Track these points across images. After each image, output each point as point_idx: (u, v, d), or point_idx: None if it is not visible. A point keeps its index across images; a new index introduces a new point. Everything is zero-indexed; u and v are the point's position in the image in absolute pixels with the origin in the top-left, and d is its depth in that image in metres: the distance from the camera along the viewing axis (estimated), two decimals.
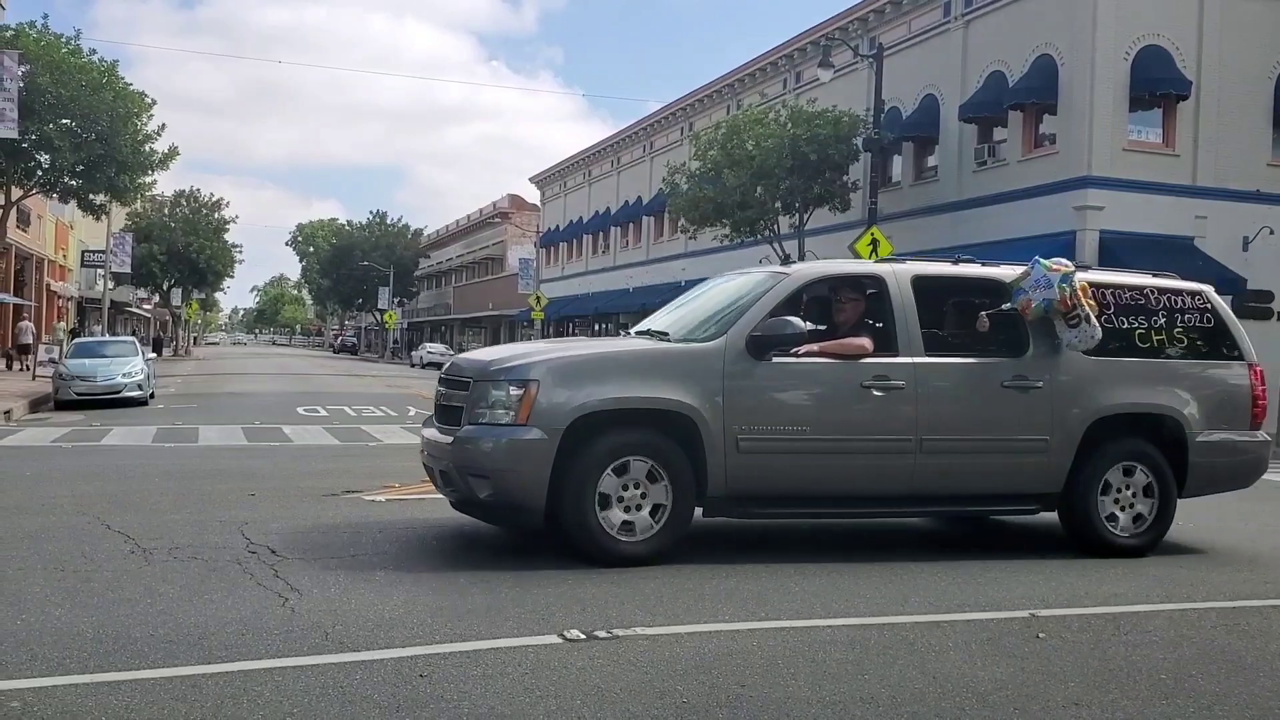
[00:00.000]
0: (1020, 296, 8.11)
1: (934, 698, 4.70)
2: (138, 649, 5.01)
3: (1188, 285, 8.94)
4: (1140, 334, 8.48)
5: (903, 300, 7.93)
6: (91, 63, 27.85)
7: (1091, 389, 8.19)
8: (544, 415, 6.99)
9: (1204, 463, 8.46)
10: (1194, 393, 8.51)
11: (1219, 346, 8.78)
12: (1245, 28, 25.32)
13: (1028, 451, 8.02)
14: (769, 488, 7.59)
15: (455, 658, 5.01)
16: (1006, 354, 8.17)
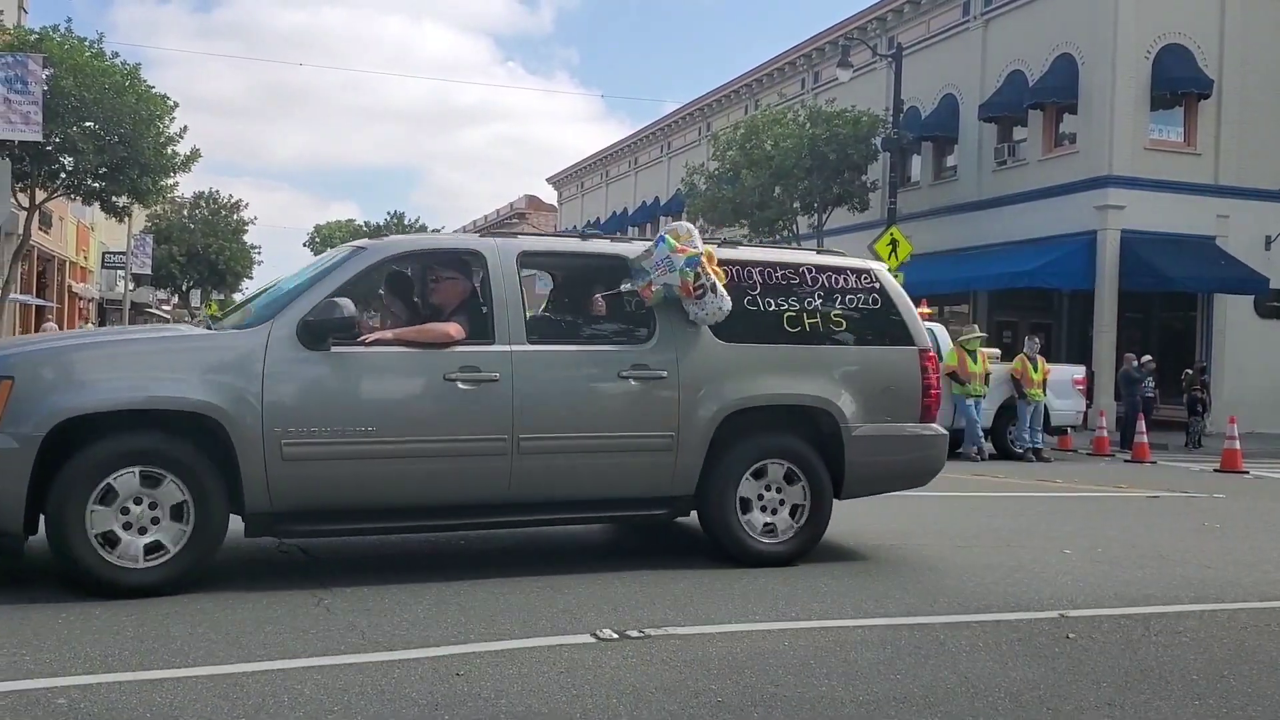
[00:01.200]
0: (641, 278, 7.15)
1: (966, 697, 4.73)
2: (178, 647, 5.07)
3: (853, 263, 7.94)
4: (791, 316, 7.46)
5: (504, 280, 6.88)
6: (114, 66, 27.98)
7: (728, 379, 7.21)
8: (18, 418, 5.81)
9: (865, 460, 7.54)
10: (853, 382, 7.54)
11: (887, 330, 7.81)
12: (1267, 26, 25.22)
13: (651, 450, 7.03)
14: (327, 500, 6.43)
15: (490, 657, 5.06)
16: (627, 341, 7.31)
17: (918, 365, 7.78)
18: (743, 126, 31.76)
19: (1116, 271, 24.18)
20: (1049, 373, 18.13)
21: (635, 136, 53.55)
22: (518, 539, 8.20)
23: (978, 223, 27.95)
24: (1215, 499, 12.91)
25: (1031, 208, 26.22)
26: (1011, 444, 17.86)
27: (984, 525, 9.80)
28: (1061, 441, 19.82)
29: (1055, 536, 9.28)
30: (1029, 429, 17.64)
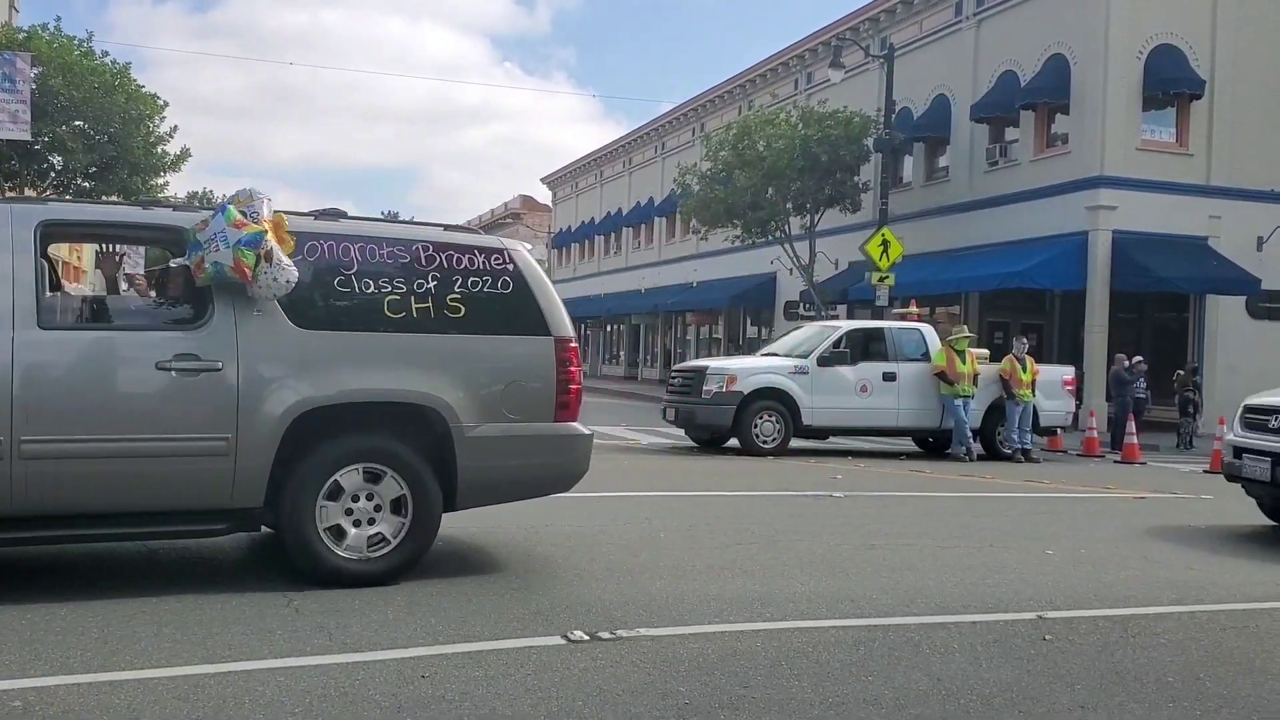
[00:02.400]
0: (194, 252, 6.12)
1: (938, 700, 4.67)
2: (142, 648, 5.01)
3: (483, 241, 7.03)
4: (394, 300, 6.52)
5: (11, 252, 5.87)
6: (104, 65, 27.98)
7: (306, 371, 6.29)
8: None
9: (483, 465, 6.69)
10: (472, 376, 6.67)
11: (518, 318, 6.90)
12: (1259, 26, 25.20)
13: (201, 455, 6.05)
14: None
15: (457, 658, 5.00)
16: (173, 326, 6.34)
17: (552, 357, 6.89)
18: (735, 127, 31.73)
19: (1108, 272, 24.15)
20: (1038, 373, 18.07)
21: (629, 137, 53.52)
22: (495, 540, 8.14)
23: (969, 223, 27.92)
24: (1203, 500, 12.88)
25: (1023, 208, 26.19)
26: (1000, 444, 17.82)
27: (968, 525, 9.74)
28: (1051, 442, 19.78)
29: (1039, 537, 9.23)
30: (1017, 429, 17.60)
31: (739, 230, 32.13)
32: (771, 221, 31.11)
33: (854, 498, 11.44)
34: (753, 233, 31.82)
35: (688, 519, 9.50)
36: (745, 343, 39.35)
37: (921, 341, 17.75)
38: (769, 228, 31.36)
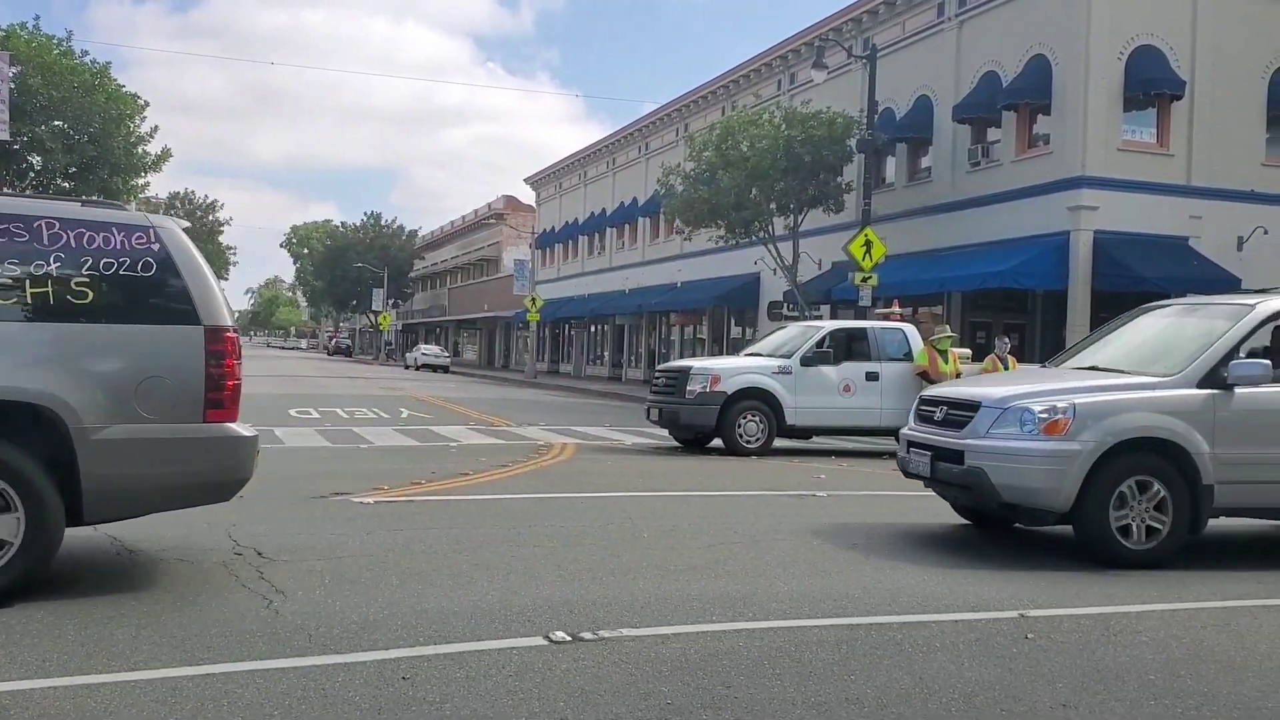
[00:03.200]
0: None
1: (920, 699, 4.67)
2: (119, 651, 4.97)
3: (124, 218, 6.33)
4: (3, 284, 5.89)
5: None
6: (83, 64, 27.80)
7: None
8: None
9: (112, 472, 5.93)
10: (98, 370, 5.96)
11: (163, 305, 6.20)
12: (1239, 27, 25.34)
13: None
14: None
15: (438, 660, 4.97)
16: None
17: (202, 349, 6.14)
18: (719, 127, 31.74)
19: (1090, 272, 24.23)
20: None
21: (613, 137, 53.50)
22: (474, 540, 8.11)
23: (952, 224, 28.00)
24: None
25: (1005, 208, 26.27)
26: None
27: (953, 524, 9.75)
28: None
29: (1022, 535, 9.25)
30: None
31: (723, 231, 32.14)
32: (755, 222, 31.14)
33: (837, 497, 11.45)
34: (736, 233, 31.84)
35: (670, 519, 9.48)
36: (729, 343, 39.38)
37: (904, 341, 17.79)
38: (753, 228, 31.38)
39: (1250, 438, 8.13)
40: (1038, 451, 7.92)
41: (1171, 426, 7.93)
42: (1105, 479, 7.84)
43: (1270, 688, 5.03)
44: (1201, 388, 8.12)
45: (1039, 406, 8.01)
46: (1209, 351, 8.29)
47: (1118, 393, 8.18)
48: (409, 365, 65.87)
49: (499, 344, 75.74)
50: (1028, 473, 7.97)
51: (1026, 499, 8.08)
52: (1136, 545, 7.89)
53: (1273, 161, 25.85)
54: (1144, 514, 7.93)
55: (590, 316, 54.04)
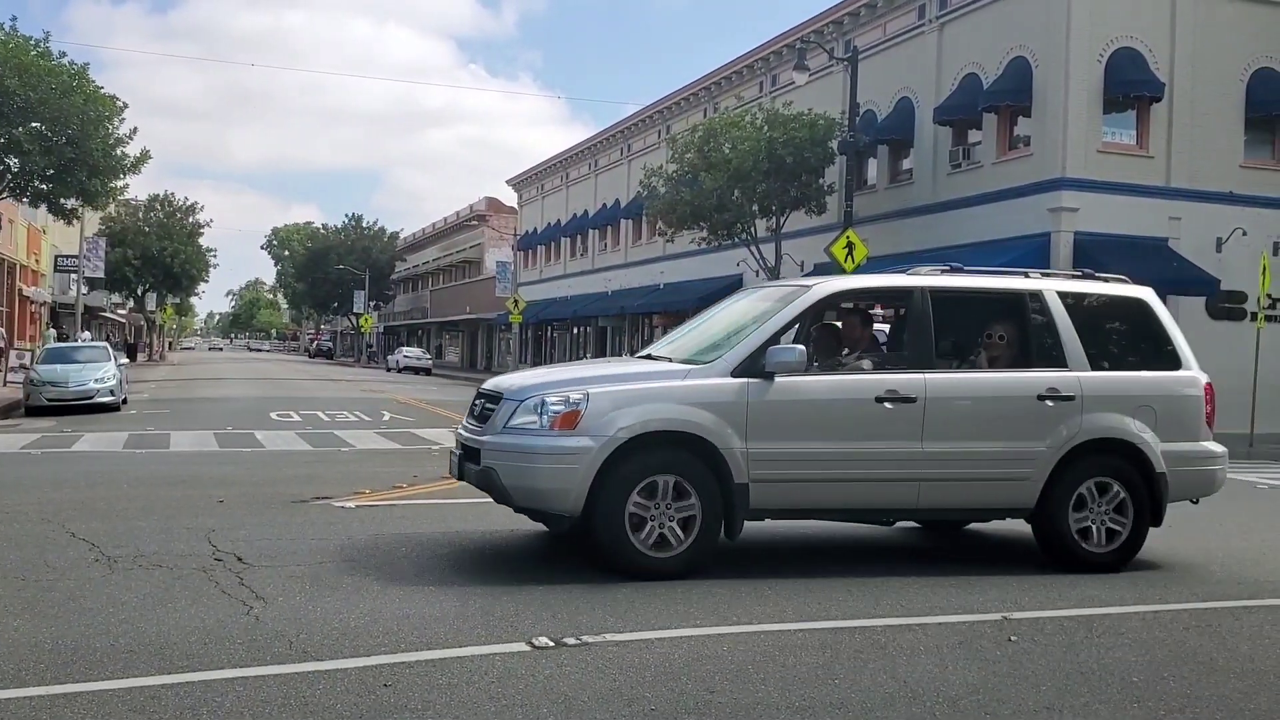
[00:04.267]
0: None
1: (904, 702, 4.66)
2: (97, 659, 4.92)
3: None
4: None
5: None
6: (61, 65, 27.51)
7: None
8: None
9: None
10: None
11: None
12: (1217, 29, 25.47)
13: None
14: None
15: (420, 667, 4.94)
16: None
17: None
18: (701, 129, 31.71)
19: None
20: None
21: (595, 139, 53.45)
22: (458, 546, 8.07)
23: (933, 225, 28.04)
24: None
25: (986, 210, 26.33)
26: None
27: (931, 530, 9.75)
28: None
29: (1006, 537, 9.26)
30: None
31: (705, 232, 32.11)
32: (737, 224, 31.11)
33: None
34: (719, 235, 31.82)
35: None
36: None
37: None
38: (735, 230, 31.36)
39: (787, 431, 7.18)
40: (545, 448, 6.95)
41: (698, 420, 6.99)
42: (620, 478, 6.87)
43: (1252, 689, 5.04)
44: (738, 376, 7.17)
45: (553, 397, 7.09)
46: (751, 337, 7.41)
47: (644, 382, 7.29)
48: (391, 368, 65.60)
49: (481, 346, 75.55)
50: (535, 472, 6.98)
51: (536, 501, 7.15)
52: (660, 553, 6.95)
53: (1251, 163, 25.99)
54: (668, 517, 6.98)
55: (573, 318, 53.94)
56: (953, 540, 9.15)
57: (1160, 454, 7.81)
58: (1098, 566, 7.67)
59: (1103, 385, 7.84)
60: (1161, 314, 8.46)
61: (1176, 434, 7.95)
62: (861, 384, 7.48)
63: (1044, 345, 7.96)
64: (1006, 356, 7.99)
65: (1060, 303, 8.01)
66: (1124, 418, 7.80)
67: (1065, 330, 7.91)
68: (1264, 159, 26.33)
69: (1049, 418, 7.65)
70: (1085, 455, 7.72)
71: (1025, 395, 7.68)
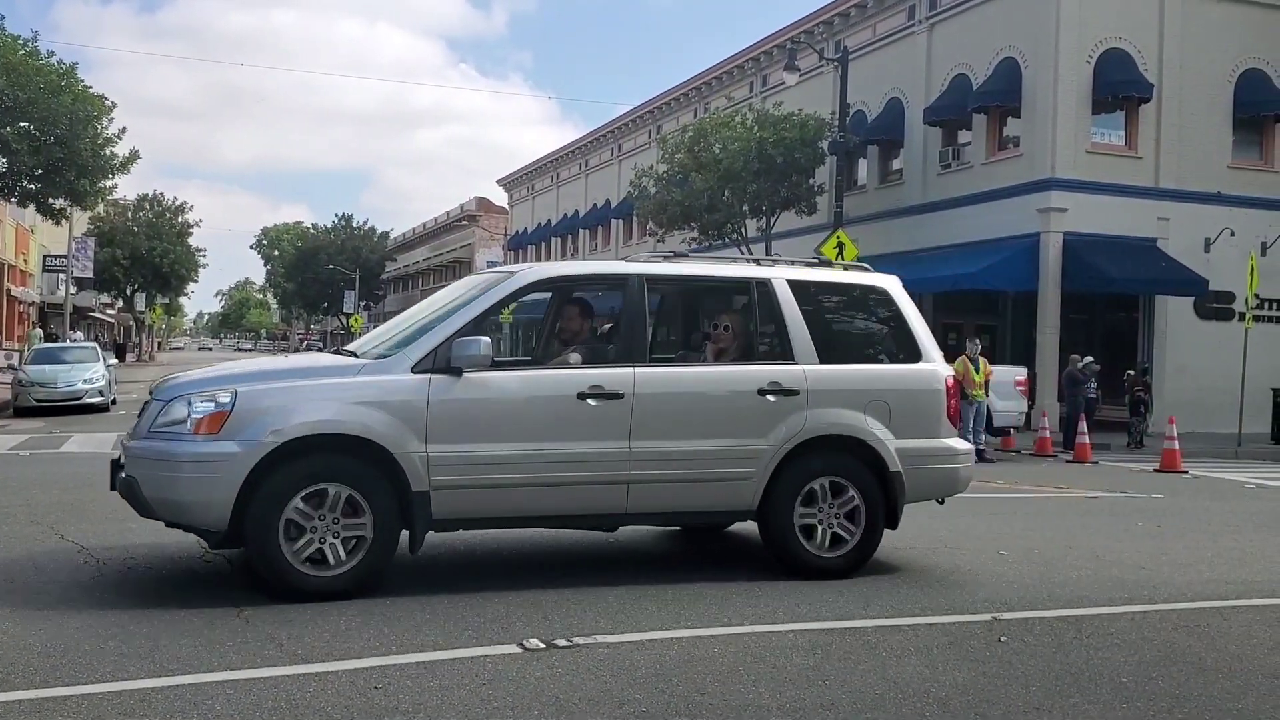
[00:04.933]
0: None
1: (894, 703, 4.67)
2: (87, 662, 4.90)
3: None
4: None
5: None
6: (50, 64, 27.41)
7: None
8: None
9: None
10: None
11: None
12: (1205, 31, 25.57)
13: None
14: None
15: (411, 669, 4.93)
16: None
17: None
18: (691, 130, 31.73)
19: (1059, 273, 24.39)
20: (991, 374, 18.23)
21: (585, 139, 53.43)
22: (449, 547, 8.06)
23: (923, 226, 28.11)
24: (1153, 499, 13.02)
25: (976, 211, 26.39)
26: None
27: (922, 527, 9.76)
28: (1004, 442, 19.95)
29: (993, 538, 9.30)
30: (971, 430, 17.72)
31: (696, 233, 32.13)
32: (728, 224, 31.13)
33: None
34: (709, 235, 31.83)
35: None
36: None
37: None
38: (725, 230, 31.39)
39: (475, 433, 6.50)
40: (187, 455, 6.14)
41: (366, 421, 6.26)
42: (273, 488, 6.12)
43: (1240, 689, 5.06)
44: (420, 372, 6.48)
45: (199, 397, 6.29)
46: (437, 329, 6.74)
47: (307, 379, 6.57)
48: None
49: None
50: (176, 482, 6.16)
51: (179, 515, 6.28)
52: (320, 571, 6.21)
53: (1239, 164, 26.10)
54: (333, 532, 6.24)
55: None
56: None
57: (895, 451, 7.30)
58: (825, 572, 7.16)
59: (832, 379, 7.29)
60: (904, 304, 7.92)
61: (914, 430, 7.44)
62: (561, 379, 6.83)
63: (770, 337, 7.45)
64: (734, 349, 7.48)
65: (789, 292, 7.40)
66: (855, 413, 7.26)
67: (793, 321, 7.34)
68: (1252, 159, 26.45)
69: (771, 414, 7.09)
70: (811, 453, 7.18)
71: (744, 390, 7.11)
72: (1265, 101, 25.93)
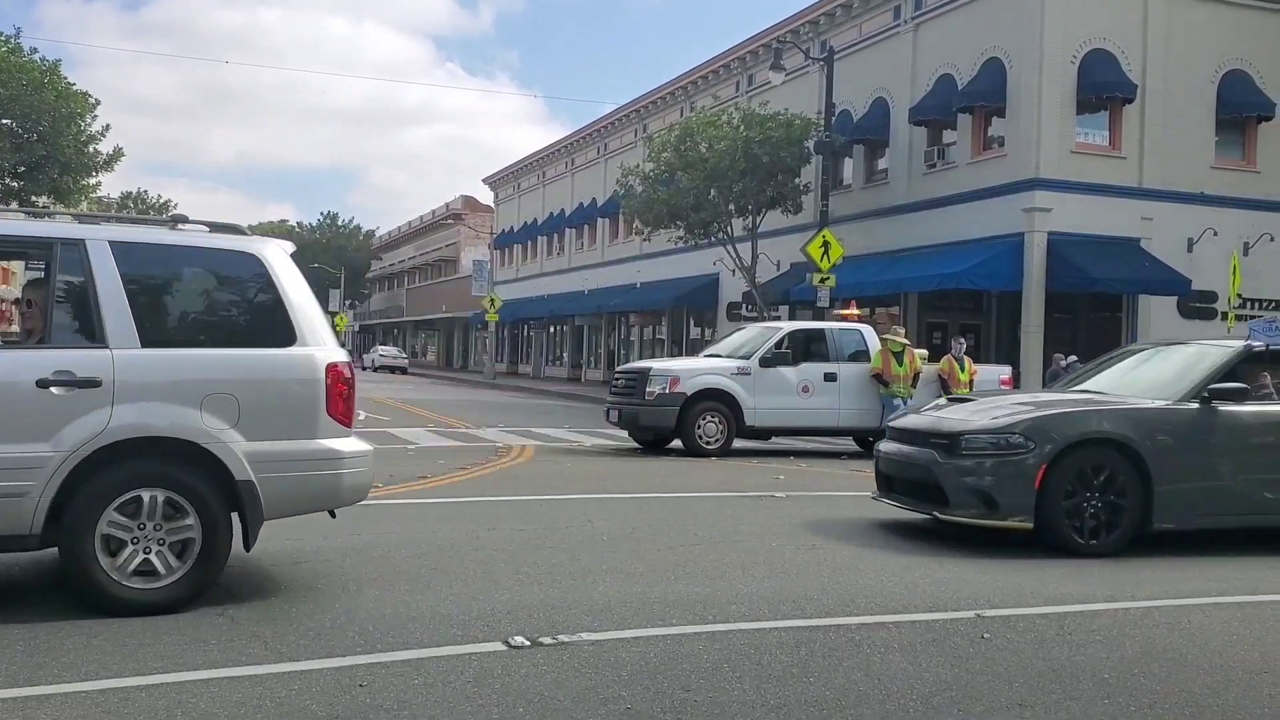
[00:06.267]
0: None
1: (878, 700, 4.69)
2: (70, 660, 4.88)
3: None
4: None
5: None
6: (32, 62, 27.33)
7: None
8: None
9: None
10: None
11: None
12: (1189, 32, 25.73)
13: None
14: None
15: (396, 666, 4.93)
16: None
17: None
18: (678, 128, 31.78)
19: (1044, 273, 24.51)
20: (976, 373, 18.32)
21: (572, 138, 53.43)
22: (434, 545, 8.06)
23: (908, 225, 28.21)
24: None
25: (961, 210, 26.51)
26: None
27: (908, 524, 9.81)
28: None
29: (978, 535, 9.32)
30: None
31: (682, 231, 32.19)
32: (714, 223, 31.20)
33: (795, 498, 11.49)
34: (695, 234, 31.89)
35: (630, 521, 9.48)
36: (689, 344, 39.44)
37: (861, 341, 17.95)
38: (711, 229, 31.45)
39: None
40: None
41: None
42: None
43: (1221, 685, 5.10)
44: None
45: None
46: None
47: None
48: (366, 366, 65.40)
49: (457, 345, 75.42)
50: None
51: None
52: None
53: (1222, 164, 26.28)
54: None
55: (549, 317, 53.92)
56: None
57: (245, 456, 5.91)
58: (144, 607, 5.67)
59: (153, 367, 5.85)
60: (283, 276, 6.38)
61: (276, 430, 6.09)
62: None
63: (76, 313, 5.95)
64: (43, 329, 6.02)
65: (110, 257, 5.91)
66: (186, 409, 5.83)
67: (109, 294, 5.85)
68: (1235, 160, 26.63)
69: (59, 411, 5.62)
70: (122, 461, 5.73)
71: (20, 381, 5.62)
72: (1248, 102, 26.12)
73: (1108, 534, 8.45)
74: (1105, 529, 8.44)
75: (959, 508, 8.69)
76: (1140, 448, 8.48)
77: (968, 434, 8.76)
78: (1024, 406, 9.18)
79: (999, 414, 9.00)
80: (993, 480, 8.51)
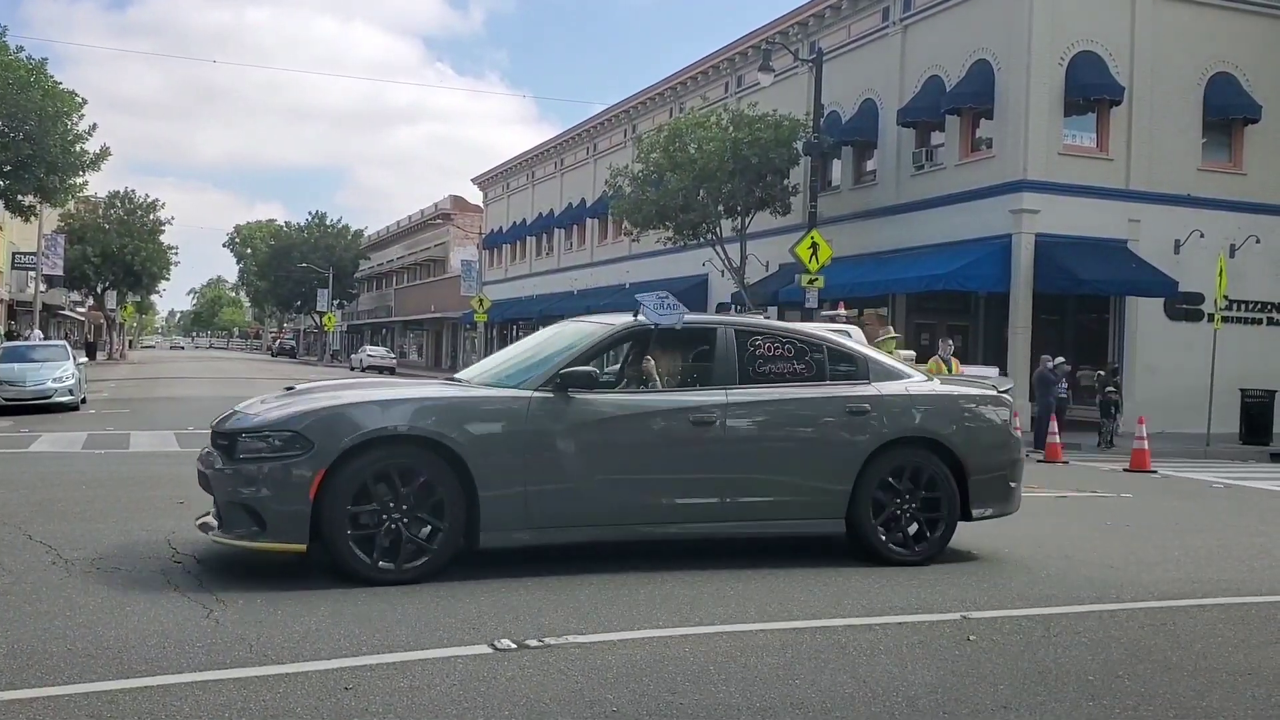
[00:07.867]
0: None
1: (864, 702, 4.70)
2: (53, 664, 4.86)
3: None
4: None
5: None
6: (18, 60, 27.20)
7: None
8: None
9: None
10: None
11: None
12: (1177, 34, 25.82)
13: None
14: None
15: (382, 669, 4.92)
16: None
17: None
18: (667, 129, 31.77)
19: (1031, 274, 24.57)
20: (962, 374, 18.33)
21: (561, 138, 53.39)
22: None
23: (897, 226, 28.25)
24: (1123, 499, 13.14)
25: (949, 212, 26.55)
26: None
27: None
28: None
29: (963, 537, 9.33)
30: None
31: (671, 232, 32.17)
32: (703, 224, 31.20)
33: None
34: (684, 235, 31.87)
35: None
36: None
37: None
38: (700, 230, 31.44)
39: None
40: None
41: None
42: None
43: (1206, 687, 5.12)
44: None
45: None
46: None
47: None
48: (354, 367, 65.23)
49: (446, 345, 75.27)
50: None
51: None
52: None
53: (1209, 166, 26.37)
54: None
55: (538, 317, 53.71)
56: None
57: None
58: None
59: None
60: None
61: None
62: None
63: None
64: None
65: None
66: None
67: None
68: (1221, 162, 26.73)
69: None
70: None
71: None
72: (1234, 105, 26.21)
73: (411, 560, 6.77)
74: (401, 549, 6.74)
75: (230, 527, 6.80)
76: (459, 446, 6.82)
77: (244, 433, 6.87)
78: (321, 397, 7.27)
79: (291, 407, 7.05)
80: (262, 491, 6.62)
